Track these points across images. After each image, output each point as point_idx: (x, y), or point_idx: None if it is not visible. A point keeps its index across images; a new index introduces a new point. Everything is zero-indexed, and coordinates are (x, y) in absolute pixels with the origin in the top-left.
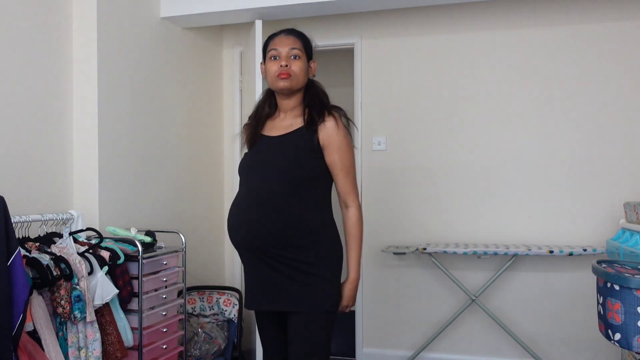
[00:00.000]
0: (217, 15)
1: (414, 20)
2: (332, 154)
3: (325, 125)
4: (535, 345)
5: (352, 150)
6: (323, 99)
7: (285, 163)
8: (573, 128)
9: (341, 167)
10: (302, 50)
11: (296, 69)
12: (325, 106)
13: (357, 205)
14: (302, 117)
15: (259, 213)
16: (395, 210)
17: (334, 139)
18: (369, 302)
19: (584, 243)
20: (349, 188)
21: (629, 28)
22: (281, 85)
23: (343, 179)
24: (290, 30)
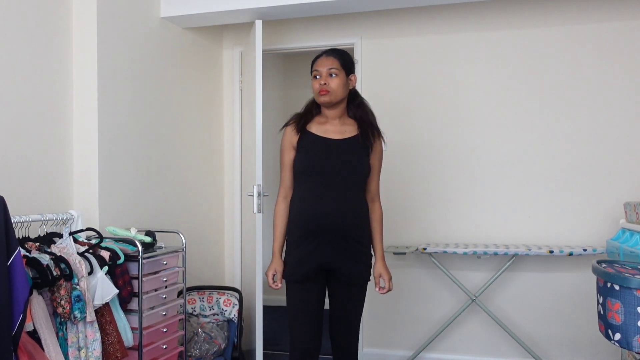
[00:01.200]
0: (217, 15)
1: (414, 20)
2: (375, 159)
3: (375, 142)
4: (535, 345)
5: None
6: (372, 121)
7: (356, 160)
8: (573, 128)
9: (378, 170)
10: (339, 69)
11: (334, 85)
12: (376, 128)
13: (380, 200)
14: (355, 127)
15: (342, 202)
16: (395, 210)
17: (378, 147)
18: (369, 302)
19: (584, 243)
20: (378, 186)
21: (629, 28)
22: (321, 100)
23: (377, 179)
24: (330, 51)
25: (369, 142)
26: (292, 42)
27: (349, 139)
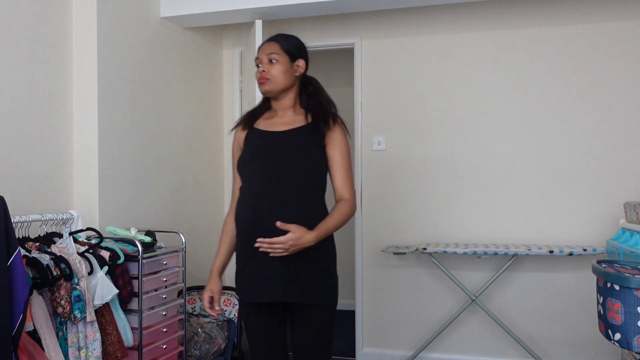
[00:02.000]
0: (217, 15)
1: (414, 20)
2: (334, 150)
3: (331, 130)
4: (535, 345)
5: (349, 148)
6: (326, 107)
7: (297, 154)
8: (573, 128)
9: (342, 162)
10: (280, 53)
11: (274, 72)
12: (330, 115)
13: (353, 200)
14: (304, 117)
15: (276, 203)
16: (395, 210)
17: (337, 136)
18: (369, 302)
19: (584, 243)
20: (347, 182)
21: (629, 28)
22: (261, 89)
23: (343, 173)
24: (272, 37)
25: (319, 131)
26: None
27: (294, 130)
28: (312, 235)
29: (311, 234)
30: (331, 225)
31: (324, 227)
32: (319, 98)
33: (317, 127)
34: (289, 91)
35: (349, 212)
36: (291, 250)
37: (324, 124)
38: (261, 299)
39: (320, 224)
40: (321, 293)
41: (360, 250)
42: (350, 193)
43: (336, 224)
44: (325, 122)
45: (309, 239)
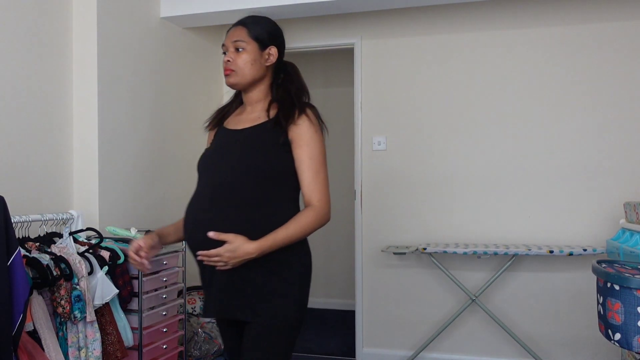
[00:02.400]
0: (217, 15)
1: (414, 20)
2: (300, 147)
3: (296, 124)
4: (535, 345)
5: (323, 148)
6: (294, 96)
7: (249, 156)
8: (573, 128)
9: (309, 163)
10: (247, 40)
11: (240, 62)
12: (296, 105)
13: (322, 206)
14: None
15: (220, 211)
16: (395, 210)
17: (304, 132)
18: (369, 302)
19: (584, 243)
20: (316, 186)
21: (629, 28)
22: (226, 82)
23: (311, 176)
24: (241, 20)
25: (280, 127)
26: (292, 42)
27: (254, 128)
28: (253, 247)
29: (251, 245)
30: (282, 236)
31: (272, 238)
32: (287, 87)
33: (276, 122)
34: (259, 83)
35: (313, 222)
36: (232, 262)
37: (286, 117)
38: (207, 315)
39: (269, 234)
40: (268, 311)
41: (360, 250)
42: (319, 199)
43: (290, 234)
44: (287, 116)
45: (247, 251)
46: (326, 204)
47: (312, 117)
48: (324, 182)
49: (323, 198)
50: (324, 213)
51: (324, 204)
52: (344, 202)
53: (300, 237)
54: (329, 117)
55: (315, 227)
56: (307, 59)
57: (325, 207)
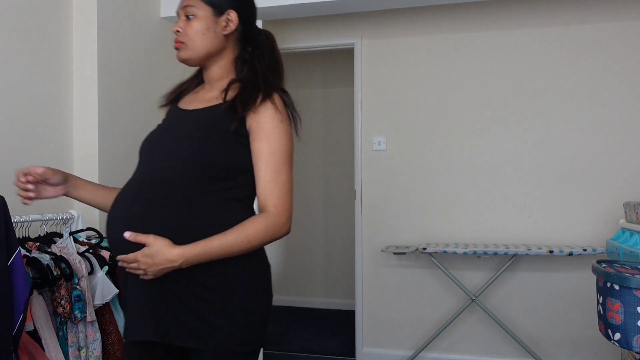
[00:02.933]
0: None
1: (414, 20)
2: (260, 140)
3: (256, 111)
4: (535, 345)
5: (289, 143)
6: (260, 75)
7: (191, 144)
8: (573, 128)
9: (269, 160)
10: (198, 5)
11: (191, 32)
12: (260, 88)
13: (278, 214)
14: (224, 92)
15: (147, 207)
16: (395, 210)
17: (266, 121)
18: (369, 302)
19: (583, 243)
20: (274, 188)
21: (629, 28)
22: (177, 57)
23: (269, 175)
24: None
25: (235, 112)
26: (292, 42)
27: (203, 110)
28: (175, 253)
29: (173, 251)
30: (217, 246)
31: (202, 246)
32: (254, 64)
33: (233, 107)
34: (218, 57)
35: (262, 231)
36: (152, 271)
37: (244, 102)
38: (129, 336)
39: (202, 240)
40: (211, 338)
41: (360, 250)
42: (276, 204)
43: (228, 244)
44: (246, 100)
45: (168, 257)
46: (284, 212)
47: (279, 103)
48: (286, 184)
49: (281, 204)
50: (280, 223)
51: (281, 212)
52: (344, 202)
53: (243, 250)
54: (329, 117)
55: (265, 238)
56: (307, 59)
57: (282, 216)
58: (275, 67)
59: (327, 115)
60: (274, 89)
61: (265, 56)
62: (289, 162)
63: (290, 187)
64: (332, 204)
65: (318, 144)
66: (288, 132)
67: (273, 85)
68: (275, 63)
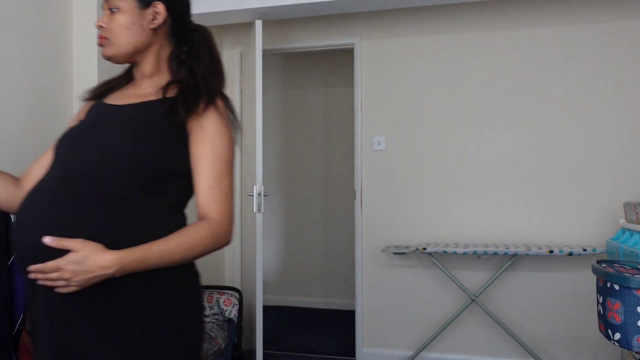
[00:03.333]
0: (217, 15)
1: (414, 20)
2: (202, 143)
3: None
4: (535, 345)
5: (231, 148)
6: (201, 79)
7: (124, 141)
8: (573, 128)
9: (212, 164)
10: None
11: (115, 27)
12: (201, 94)
13: (221, 222)
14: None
15: (71, 208)
16: (395, 210)
17: (209, 124)
18: (369, 302)
19: (583, 243)
20: (216, 195)
21: (629, 28)
22: (102, 54)
23: (212, 181)
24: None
25: (176, 113)
26: (292, 42)
27: (136, 105)
28: (110, 259)
29: (107, 256)
30: (157, 252)
31: (141, 251)
32: (192, 66)
33: (174, 109)
34: (147, 53)
35: (207, 239)
36: (78, 281)
37: (186, 108)
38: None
39: (141, 245)
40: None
41: (360, 250)
42: (220, 212)
43: (170, 251)
44: (189, 106)
45: (101, 263)
46: (227, 219)
47: (222, 108)
48: (229, 191)
49: (224, 211)
50: (223, 231)
51: (224, 219)
52: (344, 202)
53: (185, 258)
54: (329, 117)
55: (209, 247)
56: (307, 59)
57: (225, 224)
58: (215, 68)
59: (327, 115)
60: (216, 94)
61: (204, 57)
62: (231, 168)
63: (232, 194)
64: (332, 204)
65: (318, 144)
66: (231, 136)
67: (215, 90)
68: (214, 64)
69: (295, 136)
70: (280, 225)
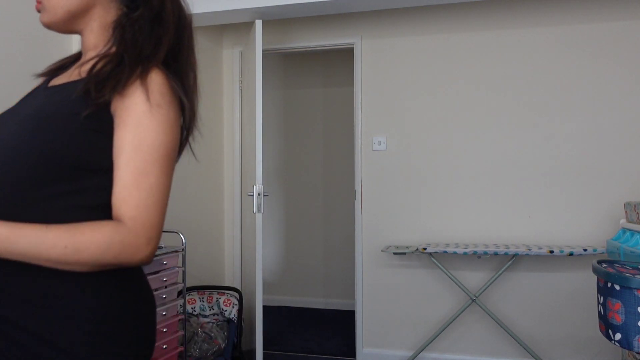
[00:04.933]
0: (217, 15)
1: (414, 20)
2: (124, 128)
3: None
4: (535, 345)
5: (166, 134)
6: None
7: (28, 130)
8: (573, 128)
9: (132, 155)
10: None
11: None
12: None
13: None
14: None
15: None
16: (395, 210)
17: (134, 104)
18: (369, 302)
19: (584, 243)
20: (134, 194)
21: (629, 28)
22: (40, 22)
23: (130, 175)
24: None
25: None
26: (292, 42)
27: (59, 87)
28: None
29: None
30: (32, 237)
31: (12, 229)
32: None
33: (87, 87)
34: (87, 19)
35: (104, 246)
36: None
37: (100, 83)
38: None
39: (20, 224)
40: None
41: (360, 250)
42: (134, 216)
43: (48, 243)
44: (103, 80)
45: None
46: (145, 230)
47: (157, 85)
48: (153, 192)
49: (142, 217)
50: (134, 243)
51: (139, 228)
52: (344, 202)
53: (65, 260)
54: (329, 117)
55: (104, 257)
56: (307, 59)
57: (140, 234)
58: (158, 31)
59: (327, 115)
60: (148, 64)
61: (146, 18)
62: (163, 163)
63: (161, 198)
64: (332, 204)
65: (318, 144)
66: (167, 121)
67: (146, 58)
68: (159, 25)
69: (295, 136)
70: (280, 225)
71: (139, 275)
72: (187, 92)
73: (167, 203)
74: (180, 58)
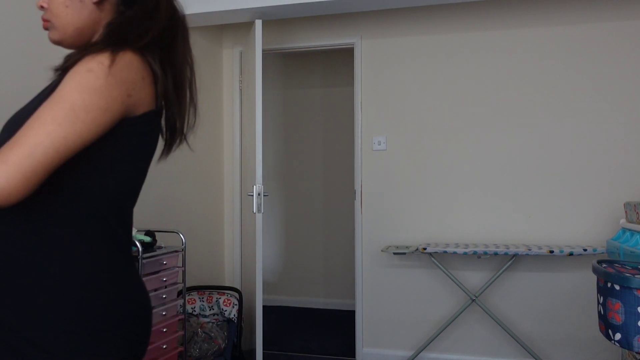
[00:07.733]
0: (217, 15)
1: (414, 20)
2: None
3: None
4: (535, 345)
5: (79, 93)
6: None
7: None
8: (573, 128)
9: (41, 109)
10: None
11: (54, 7)
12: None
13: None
14: None
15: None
16: (395, 210)
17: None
18: (369, 302)
19: (584, 243)
20: (18, 138)
21: (629, 28)
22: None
23: (31, 118)
24: None
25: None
26: (292, 42)
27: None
28: None
29: None
30: None
31: None
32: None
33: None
34: (94, 32)
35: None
36: None
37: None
38: None
39: None
40: None
41: (360, 250)
42: (6, 160)
43: None
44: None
45: None
46: (5, 164)
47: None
48: (41, 137)
49: (12, 159)
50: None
51: (11, 169)
52: (344, 202)
53: None
54: (329, 117)
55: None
56: (307, 59)
57: (9, 173)
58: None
59: (327, 115)
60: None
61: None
62: (60, 115)
63: (48, 150)
64: (332, 204)
65: (318, 144)
66: (88, 85)
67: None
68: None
69: (295, 136)
70: (280, 225)
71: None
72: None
73: (53, 155)
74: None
